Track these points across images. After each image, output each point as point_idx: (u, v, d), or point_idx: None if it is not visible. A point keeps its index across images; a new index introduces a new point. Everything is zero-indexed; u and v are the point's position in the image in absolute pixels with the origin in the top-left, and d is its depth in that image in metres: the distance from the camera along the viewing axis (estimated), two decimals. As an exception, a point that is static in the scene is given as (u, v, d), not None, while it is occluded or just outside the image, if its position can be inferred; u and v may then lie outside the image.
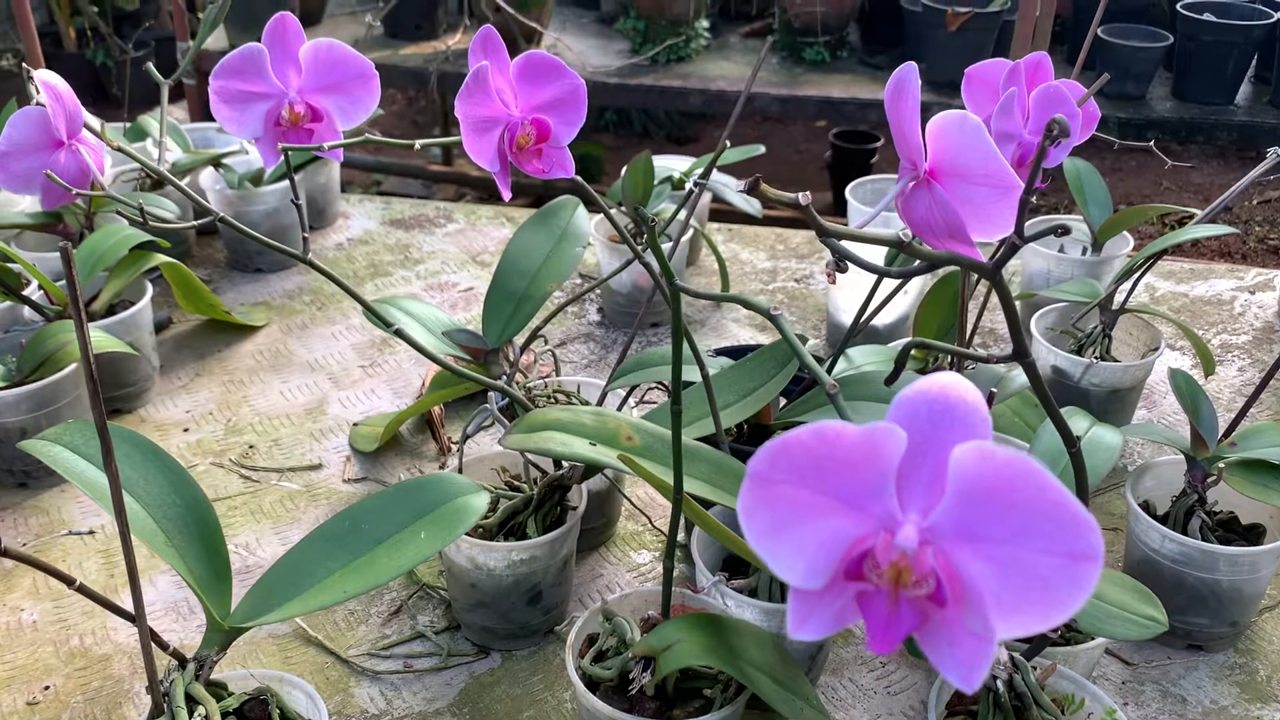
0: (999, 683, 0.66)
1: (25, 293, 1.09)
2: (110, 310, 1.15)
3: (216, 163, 1.39)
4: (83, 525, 1.00)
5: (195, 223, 0.75)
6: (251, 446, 1.11)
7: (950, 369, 1.01)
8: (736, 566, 0.85)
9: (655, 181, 1.31)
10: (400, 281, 1.43)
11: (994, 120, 0.75)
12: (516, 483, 0.90)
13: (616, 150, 3.80)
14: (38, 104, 0.71)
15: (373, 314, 0.87)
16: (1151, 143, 1.25)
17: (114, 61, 3.96)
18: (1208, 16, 2.23)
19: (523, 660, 0.86)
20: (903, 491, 0.30)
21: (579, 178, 0.74)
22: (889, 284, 1.14)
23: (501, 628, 0.86)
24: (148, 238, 1.16)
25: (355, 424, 1.14)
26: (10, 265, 1.10)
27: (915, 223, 0.48)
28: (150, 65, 1.10)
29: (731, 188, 1.25)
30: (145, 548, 0.75)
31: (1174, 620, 0.83)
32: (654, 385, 1.10)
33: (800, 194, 0.46)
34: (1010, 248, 0.43)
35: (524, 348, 0.97)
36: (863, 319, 0.95)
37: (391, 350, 1.28)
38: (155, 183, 1.41)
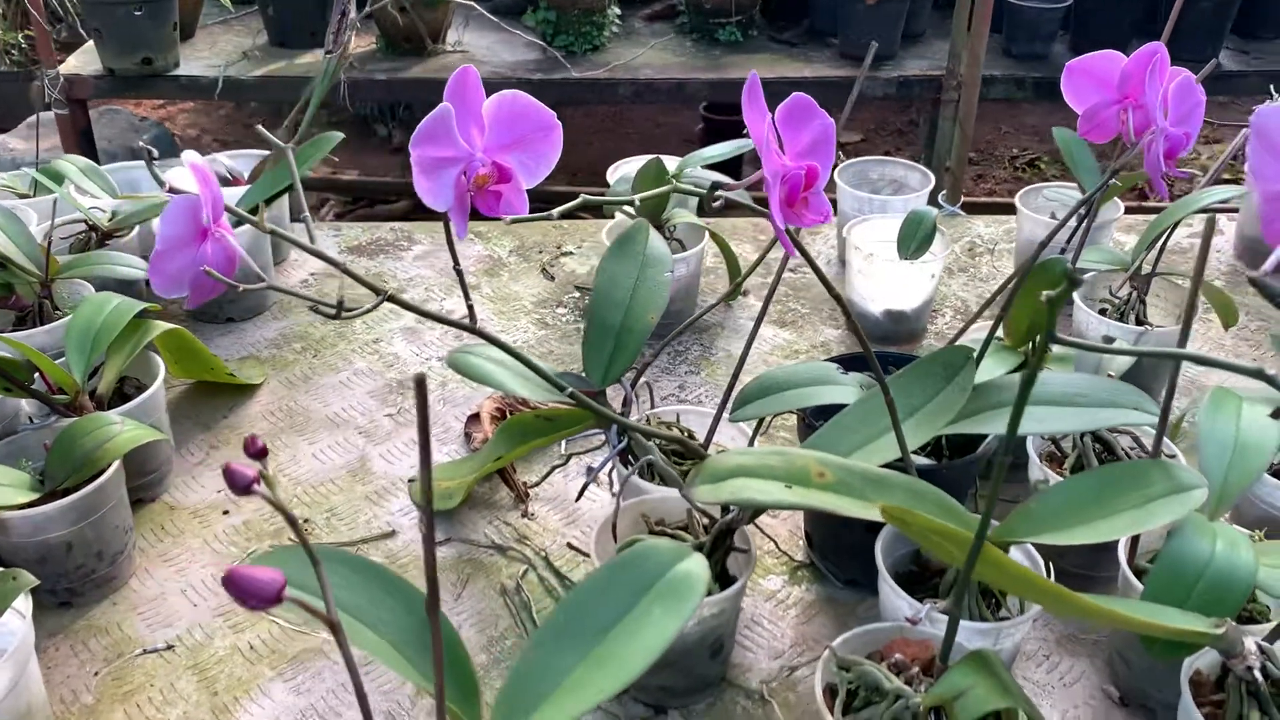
0: (1255, 672, 0.67)
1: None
2: (119, 391, 1.02)
3: (177, 208, 1.25)
4: (156, 641, 0.89)
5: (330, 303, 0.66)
6: (307, 520, 1.02)
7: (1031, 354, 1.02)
8: (907, 581, 0.84)
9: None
10: (391, 315, 1.34)
11: (1146, 118, 0.76)
12: (667, 530, 0.86)
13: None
14: (175, 191, 0.61)
15: (483, 368, 0.81)
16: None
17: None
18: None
19: (703, 715, 0.83)
20: None
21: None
22: (913, 269, 1.14)
23: (681, 685, 0.82)
24: (142, 305, 1.04)
25: (411, 480, 1.06)
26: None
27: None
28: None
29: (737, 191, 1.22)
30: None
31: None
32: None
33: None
34: None
35: (634, 384, 0.92)
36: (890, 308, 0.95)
37: (413, 394, 1.19)
38: (102, 237, 1.26)
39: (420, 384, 0.44)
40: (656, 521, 0.86)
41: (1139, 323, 1.14)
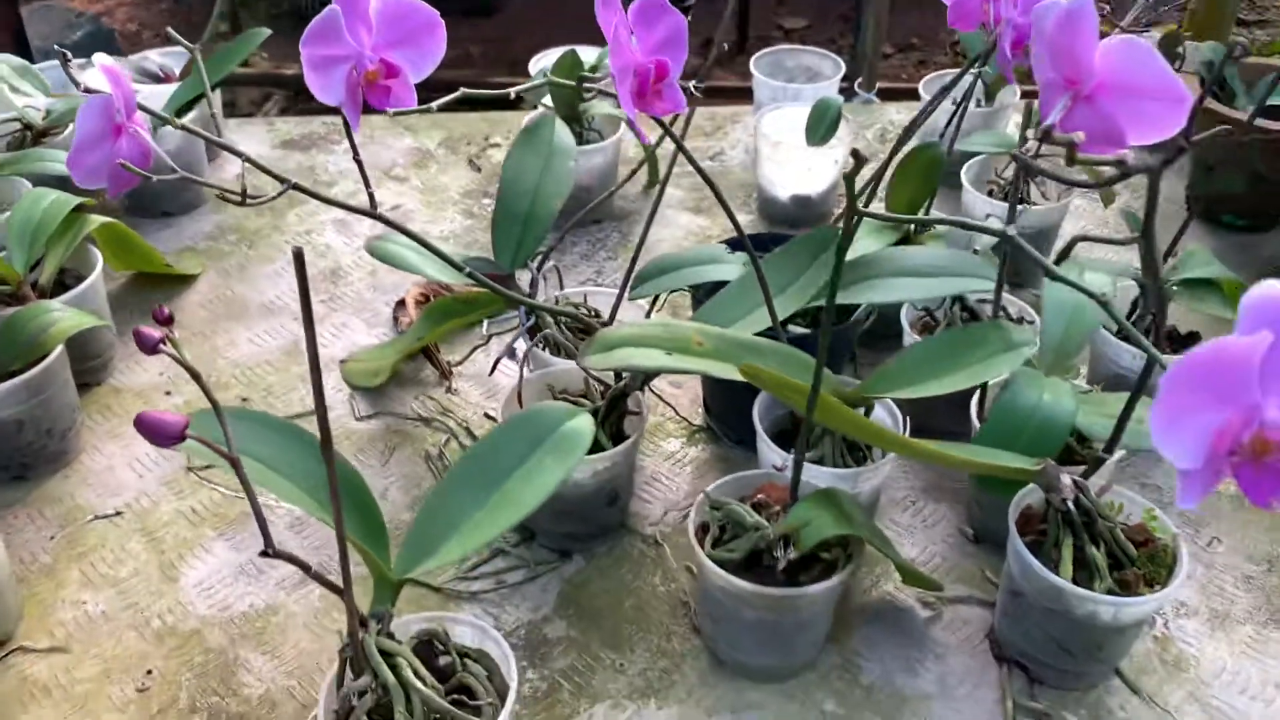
0: (1070, 504, 0.78)
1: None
2: (60, 282, 1.08)
3: (108, 106, 1.29)
4: (106, 508, 0.97)
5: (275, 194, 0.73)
6: (245, 399, 1.09)
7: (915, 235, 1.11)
8: (780, 438, 0.93)
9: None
10: (321, 208, 1.40)
11: (1001, 9, 0.83)
12: (568, 398, 0.94)
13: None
14: (90, 90, 0.67)
15: (401, 255, 0.87)
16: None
17: None
18: None
19: (605, 557, 0.92)
20: (1264, 380, 0.38)
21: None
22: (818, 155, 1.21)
23: (583, 530, 0.92)
24: (79, 200, 1.09)
25: (343, 361, 1.14)
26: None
27: (1076, 129, 0.55)
28: None
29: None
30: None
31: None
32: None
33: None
34: (1179, 150, 0.51)
35: (539, 269, 1.00)
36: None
37: (345, 281, 1.26)
38: (37, 135, 1.30)
39: (299, 257, 0.51)
40: (560, 391, 0.95)
41: (1021, 203, 1.22)
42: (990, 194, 1.23)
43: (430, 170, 1.48)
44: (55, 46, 0.74)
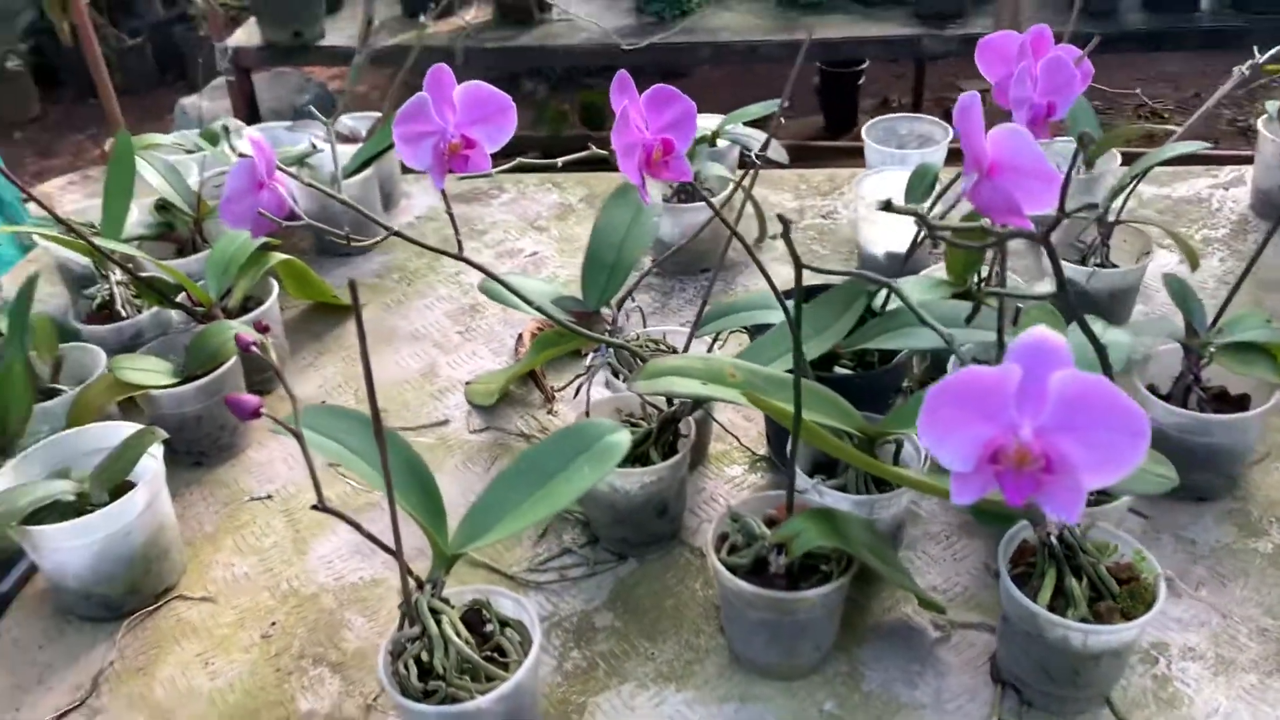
0: (1052, 538, 0.85)
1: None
2: (244, 306, 1.32)
3: (300, 162, 1.54)
4: (260, 492, 1.19)
5: (374, 240, 0.92)
6: (385, 410, 1.29)
7: (989, 284, 1.19)
8: (825, 469, 1.03)
9: (695, 141, 1.48)
10: (472, 252, 1.59)
11: (1012, 89, 0.92)
12: (633, 420, 1.08)
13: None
14: (242, 155, 0.87)
15: (507, 285, 1.04)
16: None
17: (114, 51, 4.06)
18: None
19: (656, 562, 1.05)
20: (1020, 404, 0.48)
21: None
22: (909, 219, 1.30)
23: (637, 537, 1.05)
24: (266, 240, 1.32)
25: (468, 383, 1.32)
26: (146, 275, 1.27)
27: (981, 204, 0.65)
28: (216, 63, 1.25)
29: (759, 142, 1.42)
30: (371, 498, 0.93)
31: (1180, 478, 1.02)
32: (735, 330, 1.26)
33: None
34: (1056, 221, 0.61)
35: (620, 307, 1.15)
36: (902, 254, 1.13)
37: (481, 315, 1.45)
38: (245, 185, 1.56)
39: (352, 287, 0.68)
40: (626, 414, 1.09)
41: (1100, 265, 1.28)
42: (1084, 259, 1.28)
43: (569, 221, 1.66)
44: (220, 121, 0.95)
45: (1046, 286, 1.10)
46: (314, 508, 0.72)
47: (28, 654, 1.01)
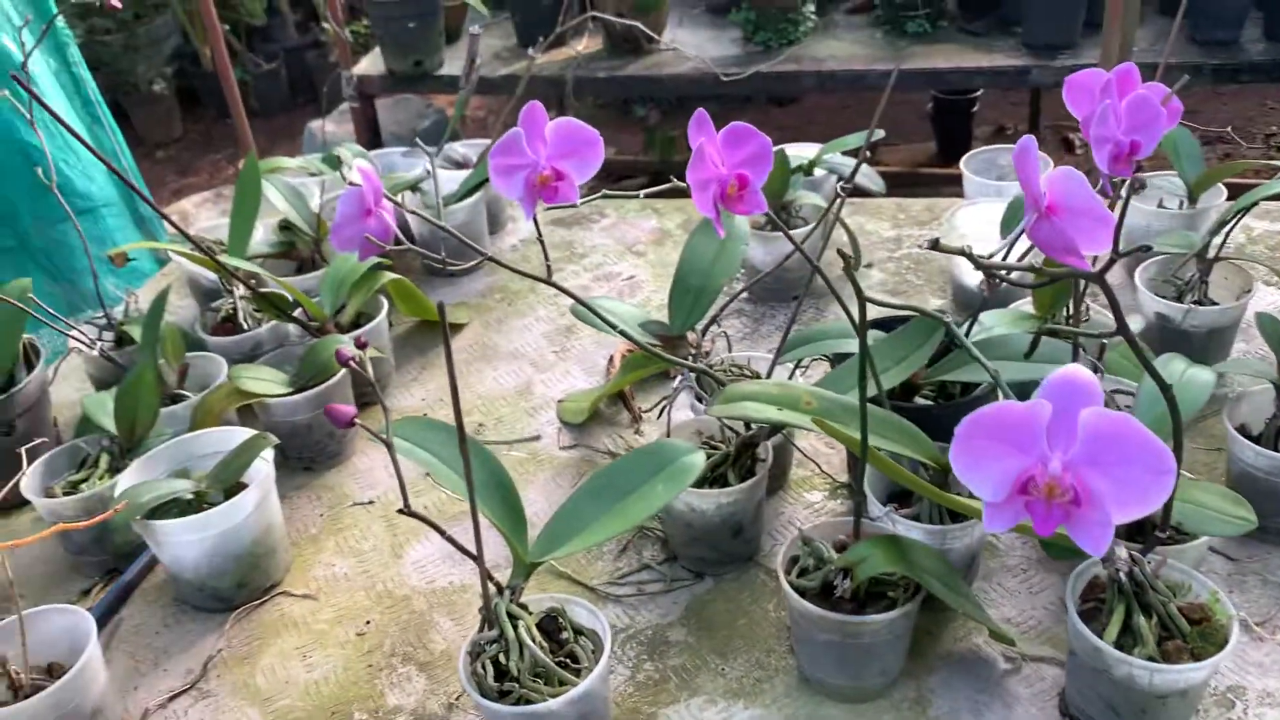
0: (1122, 575, 0.85)
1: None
2: (355, 322, 1.40)
3: (413, 187, 1.63)
4: (363, 497, 1.26)
5: (470, 264, 0.97)
6: (481, 425, 1.35)
7: (1067, 324, 1.19)
8: (900, 498, 1.05)
9: (790, 170, 1.51)
10: (571, 275, 1.66)
11: (1093, 127, 0.93)
12: (712, 442, 1.11)
13: (720, 117, 3.98)
14: (351, 184, 0.94)
15: (592, 309, 1.09)
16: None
17: (250, 75, 4.29)
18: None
19: (731, 581, 1.08)
20: (1051, 438, 0.50)
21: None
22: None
23: (713, 557, 1.08)
24: (377, 260, 1.40)
25: (560, 400, 1.37)
26: (266, 290, 1.36)
27: (1039, 242, 0.67)
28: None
29: (860, 171, 1.44)
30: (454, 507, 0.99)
31: (1270, 522, 1.00)
32: (817, 357, 1.29)
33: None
34: (1110, 261, 0.62)
35: (704, 332, 1.19)
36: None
37: (576, 336, 1.51)
38: (361, 207, 1.65)
39: (441, 310, 0.73)
40: (707, 437, 1.12)
41: (1198, 302, 1.26)
42: (1181, 296, 1.27)
43: (666, 247, 1.71)
44: (329, 146, 1.02)
45: (1135, 324, 1.10)
46: (400, 511, 0.78)
47: (146, 638, 1.10)
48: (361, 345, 0.81)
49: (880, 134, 1.59)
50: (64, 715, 0.92)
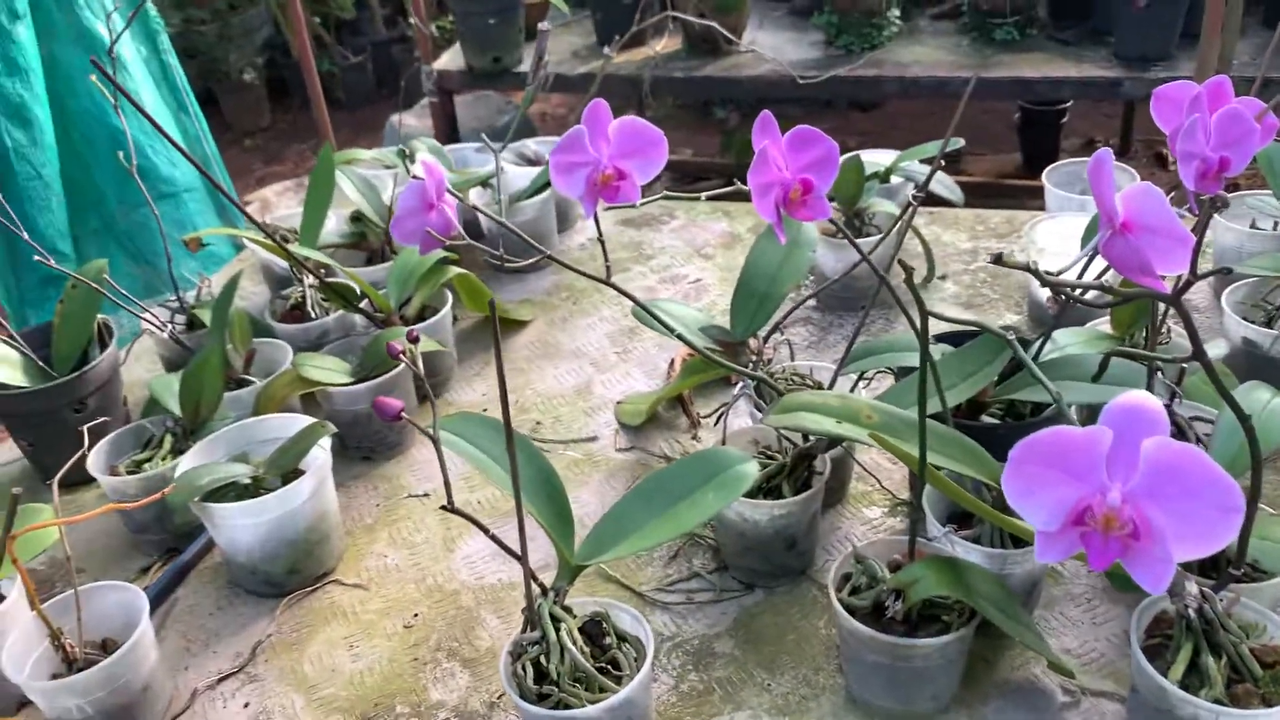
0: (1190, 611, 0.81)
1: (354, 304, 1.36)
2: (420, 315, 1.40)
3: (484, 183, 1.63)
4: (419, 490, 1.26)
5: (532, 260, 0.97)
6: (539, 423, 1.35)
7: (1146, 345, 1.14)
8: (961, 519, 1.02)
9: (865, 177, 1.48)
10: (637, 276, 1.65)
11: (1180, 142, 0.89)
12: (769, 452, 1.09)
13: (800, 120, 3.94)
14: (415, 177, 0.94)
15: (651, 312, 1.08)
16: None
17: (337, 67, 4.36)
18: None
19: (782, 595, 1.06)
20: (1110, 467, 0.47)
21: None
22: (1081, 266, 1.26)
23: (764, 568, 1.06)
24: (443, 254, 1.41)
25: (619, 402, 1.36)
26: (334, 280, 1.37)
27: (1113, 260, 0.64)
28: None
29: (937, 179, 1.40)
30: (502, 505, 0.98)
31: (1355, 563, 0.95)
32: (881, 370, 1.26)
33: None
34: (1187, 283, 0.59)
35: (766, 339, 1.16)
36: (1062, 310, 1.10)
37: (639, 338, 1.50)
38: (432, 201, 1.66)
39: (491, 306, 0.73)
40: (764, 446, 1.10)
41: (1289, 328, 1.20)
42: (1271, 322, 1.21)
43: (735, 250, 1.69)
44: (401, 140, 1.02)
45: (1218, 350, 1.05)
46: (443, 508, 0.77)
47: (199, 619, 1.11)
48: (414, 339, 0.81)
49: (959, 143, 1.55)
50: (115, 690, 0.94)
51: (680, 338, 1.02)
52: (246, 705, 1.01)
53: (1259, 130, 0.92)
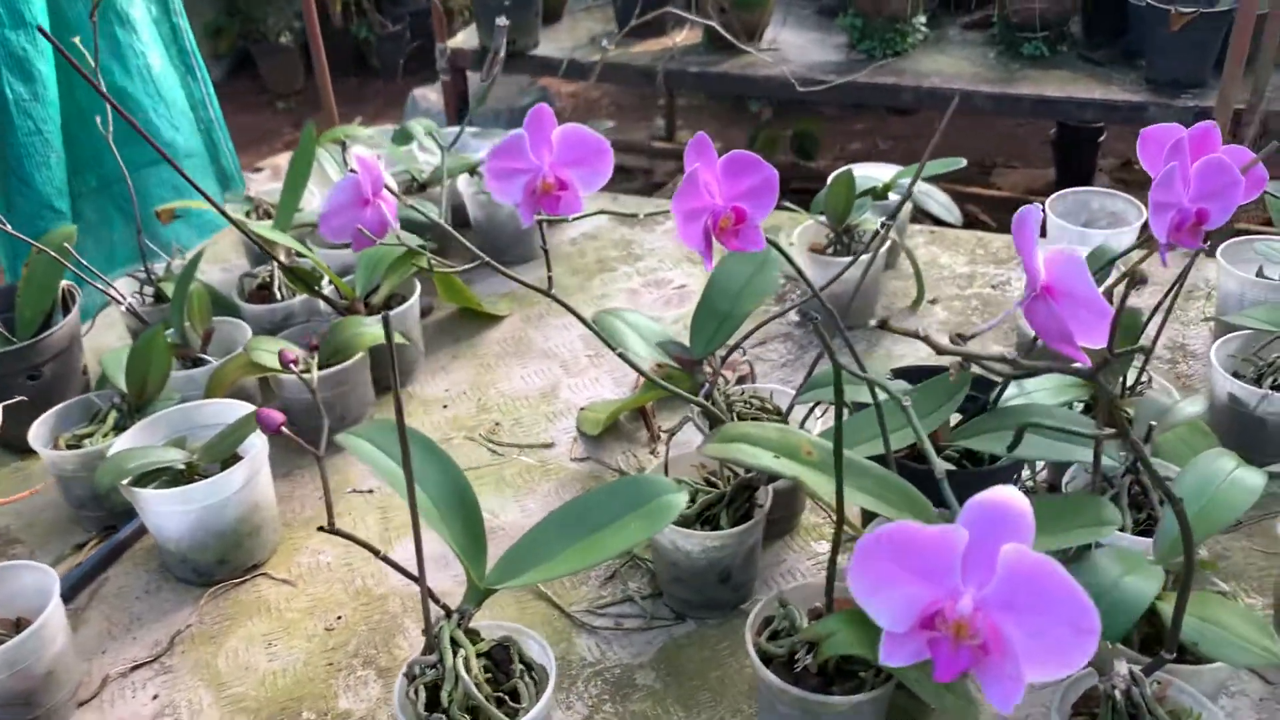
0: (1117, 693, 0.76)
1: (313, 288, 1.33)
2: (387, 304, 1.37)
3: (472, 170, 1.60)
4: (364, 486, 1.23)
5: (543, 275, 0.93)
6: (498, 424, 1.32)
7: (1124, 395, 1.09)
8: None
9: (857, 194, 1.42)
10: (623, 277, 1.61)
11: (1153, 191, 0.83)
12: (713, 479, 1.05)
13: (835, 122, 3.86)
14: (351, 170, 0.90)
15: (597, 332, 1.04)
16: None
17: (375, 35, 4.34)
18: None
19: (713, 629, 1.02)
20: (965, 571, 0.43)
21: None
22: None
23: (697, 599, 1.02)
24: (418, 242, 1.37)
25: (582, 409, 1.32)
26: (303, 261, 1.34)
27: (1035, 325, 0.59)
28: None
29: (934, 198, 1.35)
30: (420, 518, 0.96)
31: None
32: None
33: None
34: (1104, 361, 0.54)
35: (724, 360, 1.12)
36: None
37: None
38: (421, 186, 1.63)
39: (386, 321, 0.69)
40: (709, 472, 1.06)
41: (1277, 388, 1.14)
42: (1260, 379, 1.14)
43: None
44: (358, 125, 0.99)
45: (1195, 407, 0.99)
46: (320, 529, 0.74)
47: (126, 602, 1.09)
48: (313, 347, 0.77)
49: (960, 162, 1.50)
50: (15, 674, 0.92)
51: (621, 356, 0.98)
52: (155, 697, 0.99)
53: (1243, 182, 0.86)
